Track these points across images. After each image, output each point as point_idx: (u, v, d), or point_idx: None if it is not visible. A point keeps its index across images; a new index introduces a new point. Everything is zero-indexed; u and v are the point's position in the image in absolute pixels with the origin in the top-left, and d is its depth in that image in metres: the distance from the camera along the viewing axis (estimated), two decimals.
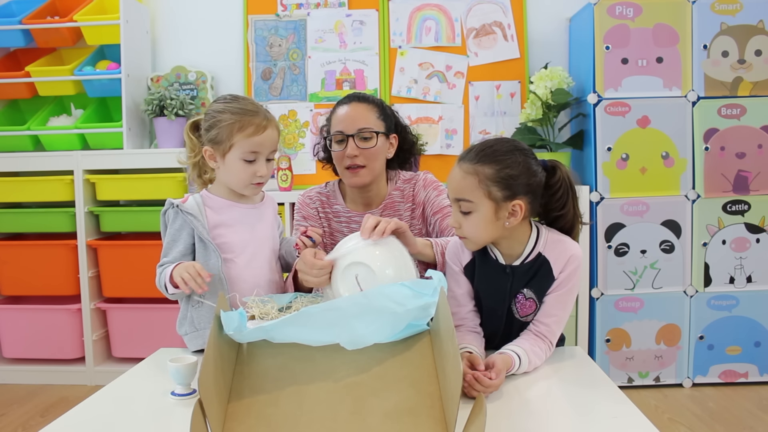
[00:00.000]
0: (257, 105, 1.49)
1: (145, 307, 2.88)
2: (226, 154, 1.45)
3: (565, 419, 1.08)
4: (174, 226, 1.47)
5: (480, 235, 1.31)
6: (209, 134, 1.46)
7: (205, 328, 1.47)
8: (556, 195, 1.34)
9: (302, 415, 0.97)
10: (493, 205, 1.27)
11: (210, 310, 1.46)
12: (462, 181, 1.28)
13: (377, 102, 1.71)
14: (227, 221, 1.50)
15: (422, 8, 3.09)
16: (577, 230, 1.39)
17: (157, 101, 2.94)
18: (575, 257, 1.33)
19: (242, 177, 1.46)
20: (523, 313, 1.38)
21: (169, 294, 1.46)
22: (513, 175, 1.27)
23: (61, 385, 2.94)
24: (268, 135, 1.46)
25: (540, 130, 2.88)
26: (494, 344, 1.39)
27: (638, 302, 2.74)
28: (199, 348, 1.49)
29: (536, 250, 1.34)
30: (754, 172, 2.70)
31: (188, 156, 1.55)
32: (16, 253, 2.98)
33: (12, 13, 3.05)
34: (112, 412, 1.14)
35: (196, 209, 1.47)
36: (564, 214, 1.36)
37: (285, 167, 2.85)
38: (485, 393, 1.14)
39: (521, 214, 1.28)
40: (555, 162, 1.35)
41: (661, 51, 2.69)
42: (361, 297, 1.09)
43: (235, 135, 1.43)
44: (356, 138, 1.63)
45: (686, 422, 2.40)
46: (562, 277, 1.33)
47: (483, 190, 1.26)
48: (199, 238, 1.46)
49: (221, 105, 1.47)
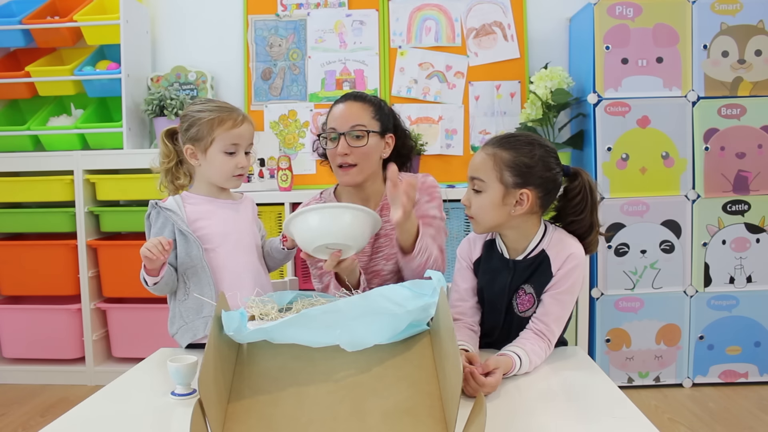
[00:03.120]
0: (232, 105, 1.59)
1: (145, 307, 2.88)
2: (207, 149, 1.53)
3: (565, 419, 1.08)
4: (156, 225, 1.54)
5: (485, 216, 1.35)
6: (189, 133, 1.53)
7: (193, 320, 1.52)
8: (574, 200, 1.38)
9: (302, 415, 0.97)
10: (503, 189, 1.33)
11: (196, 302, 1.51)
12: (480, 161, 1.35)
13: (374, 101, 1.70)
14: (206, 215, 1.56)
15: (422, 8, 3.10)
16: (594, 239, 1.41)
17: (157, 101, 2.94)
18: (574, 256, 1.35)
19: (225, 169, 1.54)
20: (522, 308, 1.39)
21: (150, 287, 1.51)
22: (527, 164, 1.32)
23: (61, 385, 2.95)
24: (245, 128, 1.55)
25: (540, 130, 2.88)
26: (493, 338, 1.41)
27: (638, 302, 2.74)
28: (190, 341, 1.53)
29: (540, 246, 1.37)
30: (754, 172, 2.70)
31: (161, 162, 1.61)
32: (16, 253, 2.98)
33: (12, 13, 3.05)
34: (112, 412, 1.14)
35: (174, 205, 1.55)
36: (580, 220, 1.39)
37: (285, 167, 2.85)
38: (484, 392, 1.14)
39: (527, 204, 1.32)
40: (578, 168, 1.40)
41: (661, 51, 2.69)
42: (361, 298, 1.09)
43: (216, 129, 1.52)
44: (348, 136, 1.63)
45: (686, 422, 2.40)
46: (559, 275, 1.35)
47: (496, 172, 1.33)
48: (179, 231, 1.52)
49: (198, 106, 1.56)
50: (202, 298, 1.51)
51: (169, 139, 1.60)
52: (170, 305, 1.59)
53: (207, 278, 1.51)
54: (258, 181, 2.92)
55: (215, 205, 1.58)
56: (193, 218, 1.54)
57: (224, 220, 1.57)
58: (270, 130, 3.11)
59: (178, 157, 1.59)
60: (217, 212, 1.57)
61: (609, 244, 2.72)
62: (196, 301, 1.51)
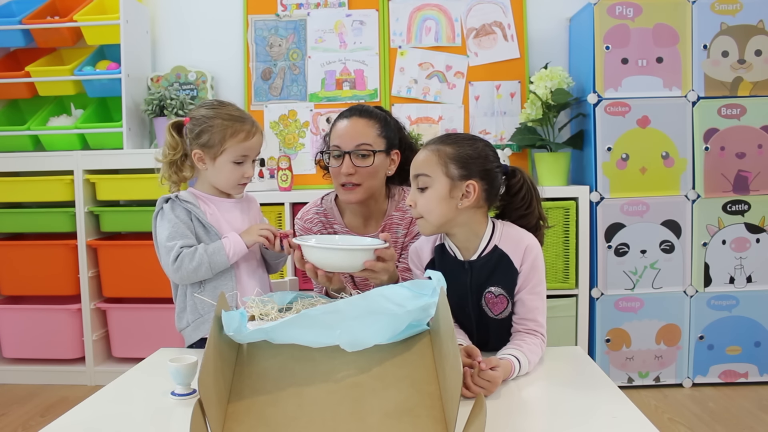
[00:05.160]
0: (243, 110, 1.58)
1: (145, 307, 2.88)
2: (216, 158, 1.53)
3: (565, 419, 1.08)
4: (176, 213, 1.53)
5: (432, 213, 1.35)
6: (200, 139, 1.53)
7: (209, 313, 1.52)
8: (519, 194, 1.42)
9: (302, 415, 0.97)
10: (449, 182, 1.34)
11: (213, 295, 1.50)
12: (424, 158, 1.37)
13: (380, 116, 1.65)
14: (217, 210, 1.58)
15: (422, 8, 3.09)
16: (542, 232, 1.45)
17: (157, 101, 2.94)
18: (531, 247, 1.37)
19: (231, 178, 1.55)
20: (496, 311, 1.40)
21: (214, 270, 1.50)
22: (471, 156, 1.35)
23: (61, 385, 2.94)
24: (256, 140, 1.56)
25: (540, 130, 2.88)
26: (473, 343, 1.40)
27: (638, 302, 2.74)
28: (203, 336, 1.51)
29: (492, 243, 1.38)
30: (754, 172, 2.70)
31: (166, 154, 1.59)
32: (16, 253, 2.98)
33: (12, 13, 3.05)
34: (112, 412, 1.14)
35: (191, 198, 1.55)
36: (528, 214, 1.42)
37: (285, 167, 2.85)
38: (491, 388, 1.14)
39: (474, 196, 1.34)
40: (515, 166, 1.44)
41: (661, 51, 2.69)
42: (361, 299, 1.09)
43: (228, 140, 1.51)
44: (353, 155, 1.59)
45: (686, 422, 2.40)
46: (525, 269, 1.36)
47: (441, 166, 1.34)
48: (200, 222, 1.53)
49: (210, 111, 1.54)
50: (201, 297, 1.51)
51: (176, 131, 1.58)
52: (179, 299, 1.57)
53: (228, 270, 1.53)
54: (258, 181, 2.92)
55: (225, 203, 1.59)
56: (206, 212, 1.56)
57: (235, 215, 1.59)
58: (270, 130, 3.11)
59: (184, 150, 1.57)
60: (229, 209, 1.59)
61: (609, 244, 2.72)
62: (214, 293, 1.51)
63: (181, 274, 1.49)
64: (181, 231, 1.51)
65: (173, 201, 1.54)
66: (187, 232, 1.52)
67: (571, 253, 2.72)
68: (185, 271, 1.49)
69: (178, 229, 1.51)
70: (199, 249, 1.49)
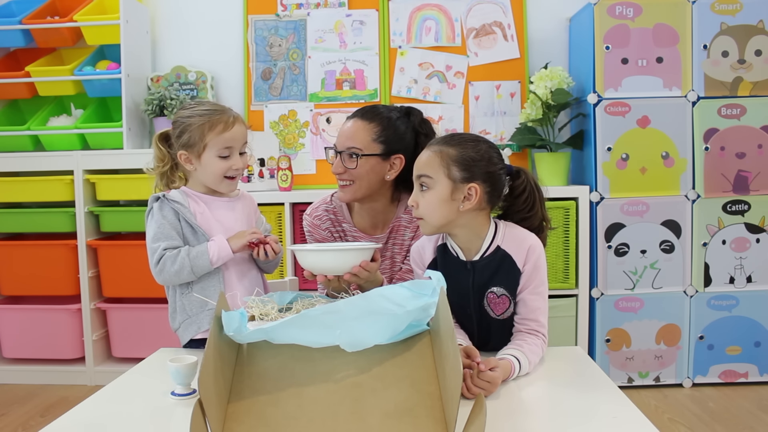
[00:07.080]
0: (220, 104, 1.58)
1: (145, 307, 2.88)
2: (201, 155, 1.53)
3: (565, 419, 1.08)
4: (163, 212, 1.53)
5: (433, 214, 1.35)
6: (182, 139, 1.53)
7: (197, 314, 1.53)
8: (522, 196, 1.41)
9: (302, 415, 0.97)
10: (451, 184, 1.33)
11: (200, 295, 1.51)
12: (426, 159, 1.37)
13: (383, 121, 1.66)
14: (207, 209, 1.57)
15: (422, 8, 3.09)
16: (545, 234, 1.44)
17: (157, 101, 2.94)
18: (534, 247, 1.37)
19: (219, 173, 1.54)
20: (498, 311, 1.39)
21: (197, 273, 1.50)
22: (473, 158, 1.34)
23: (61, 385, 2.94)
24: (237, 129, 1.55)
25: (540, 130, 2.88)
26: (474, 344, 1.40)
27: (638, 302, 2.74)
28: (193, 336, 1.53)
29: (494, 243, 1.38)
30: (754, 172, 2.70)
31: (156, 166, 1.60)
32: (16, 253, 2.98)
33: (12, 13, 3.05)
34: (112, 412, 1.14)
35: (180, 198, 1.55)
36: (531, 216, 1.42)
37: (285, 167, 2.85)
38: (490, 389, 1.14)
39: (475, 199, 1.33)
40: (519, 167, 1.43)
41: (661, 51, 2.69)
42: (361, 299, 1.09)
43: (207, 134, 1.51)
44: (343, 155, 1.66)
45: (686, 422, 2.40)
46: (528, 270, 1.36)
47: (444, 168, 1.34)
48: (187, 223, 1.53)
49: (188, 111, 1.55)
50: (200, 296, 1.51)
51: (163, 143, 1.59)
52: (170, 299, 1.58)
53: (215, 271, 1.53)
54: (258, 181, 2.92)
55: (216, 202, 1.59)
56: (196, 212, 1.56)
57: (225, 214, 1.59)
58: (270, 130, 3.11)
59: (173, 160, 1.58)
60: (219, 208, 1.59)
61: (609, 244, 2.72)
62: (201, 295, 1.51)
63: (163, 276, 1.51)
64: (166, 232, 1.51)
65: (162, 201, 1.54)
66: (173, 233, 1.52)
67: (571, 253, 2.72)
68: (167, 274, 1.50)
69: (164, 230, 1.51)
70: (182, 252, 1.49)
